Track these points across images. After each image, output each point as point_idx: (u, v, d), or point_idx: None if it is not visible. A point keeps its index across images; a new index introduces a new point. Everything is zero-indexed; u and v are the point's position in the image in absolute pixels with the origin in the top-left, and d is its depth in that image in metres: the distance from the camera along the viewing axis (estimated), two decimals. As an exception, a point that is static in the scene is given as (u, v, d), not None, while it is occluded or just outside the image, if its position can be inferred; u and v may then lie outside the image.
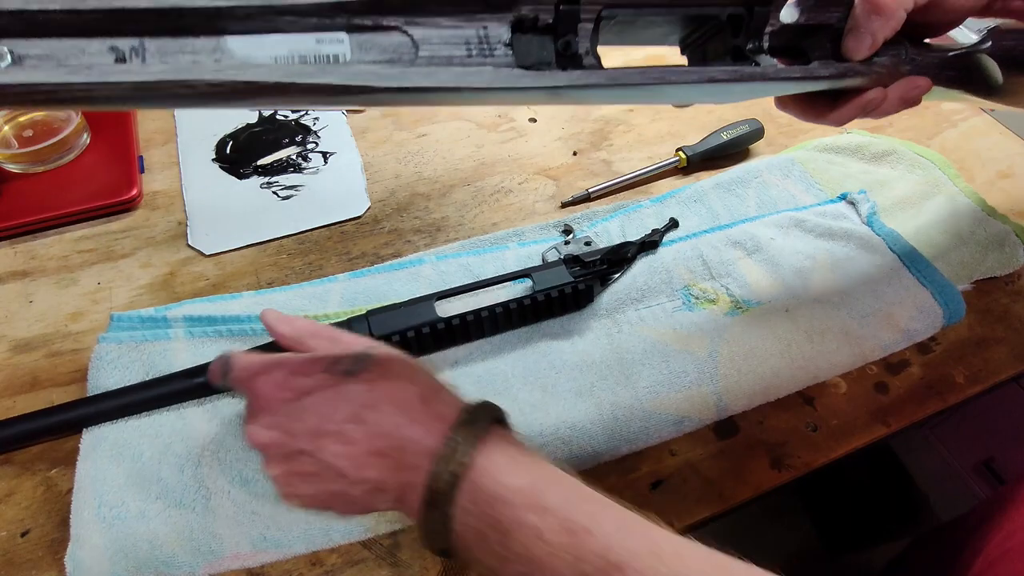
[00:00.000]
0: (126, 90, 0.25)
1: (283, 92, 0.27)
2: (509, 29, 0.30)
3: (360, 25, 0.28)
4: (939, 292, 0.54)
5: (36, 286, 0.53)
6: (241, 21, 0.26)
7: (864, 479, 1.20)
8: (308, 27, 0.27)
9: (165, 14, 0.25)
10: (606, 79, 0.32)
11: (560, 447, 0.44)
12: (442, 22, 0.29)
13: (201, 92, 0.26)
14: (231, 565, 0.39)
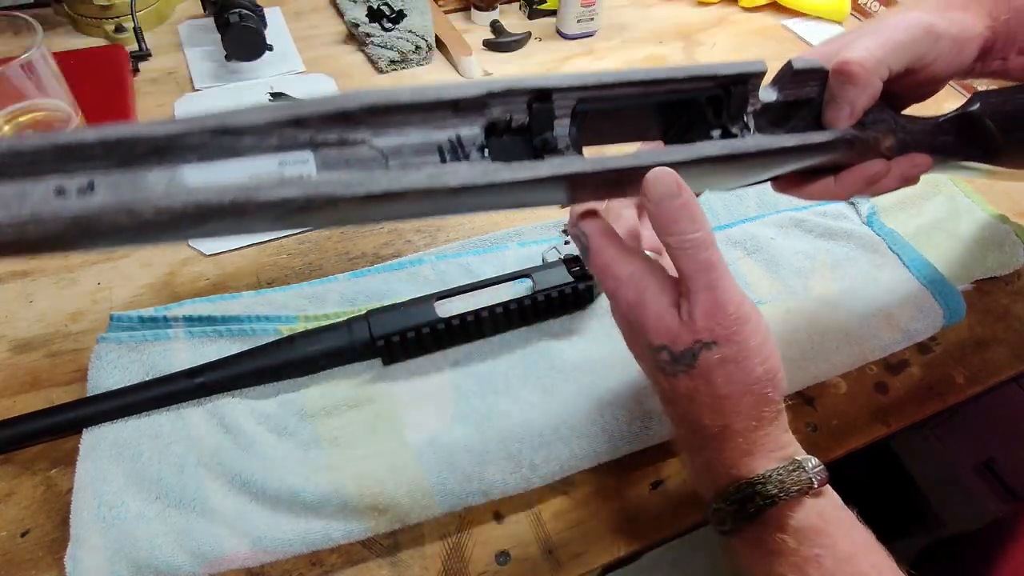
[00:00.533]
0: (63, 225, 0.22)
1: (239, 213, 0.24)
2: (483, 132, 0.29)
3: (325, 141, 0.26)
4: (939, 292, 0.54)
5: (36, 286, 0.53)
6: (196, 149, 0.25)
7: (864, 479, 1.20)
8: (269, 148, 0.26)
9: (114, 147, 0.23)
10: (591, 166, 0.29)
11: (561, 447, 0.44)
12: (411, 132, 0.27)
13: (146, 221, 0.23)
14: (231, 565, 0.39)
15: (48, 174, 0.23)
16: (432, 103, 0.27)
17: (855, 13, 0.94)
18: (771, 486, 0.30)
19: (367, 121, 0.27)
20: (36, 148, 0.22)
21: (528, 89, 0.29)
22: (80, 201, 0.23)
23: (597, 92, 0.30)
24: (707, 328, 0.30)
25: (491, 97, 0.28)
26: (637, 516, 0.44)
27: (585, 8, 0.82)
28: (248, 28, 0.69)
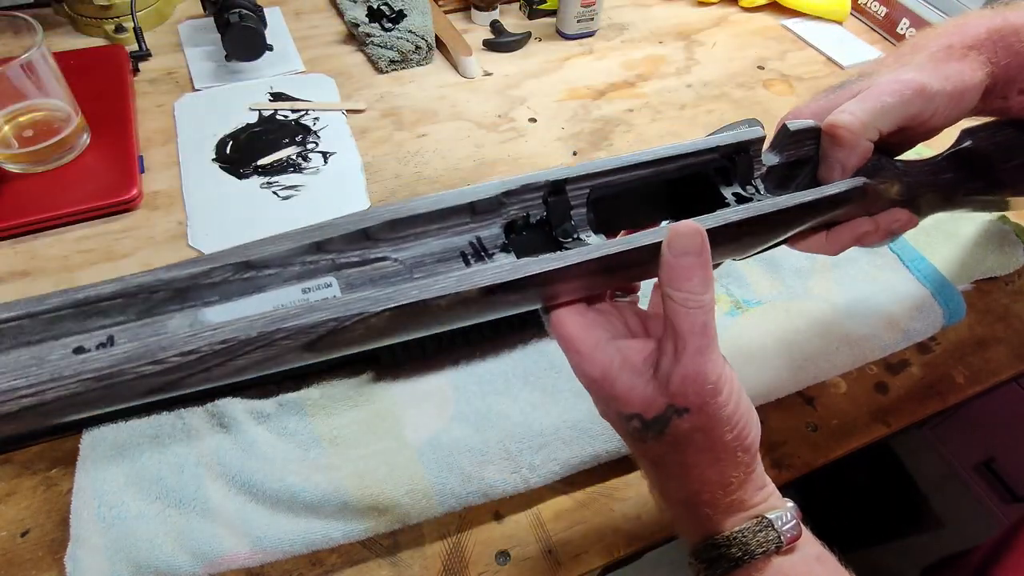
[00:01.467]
0: (84, 384, 0.21)
1: (268, 344, 0.23)
2: (503, 232, 0.29)
3: (347, 263, 0.26)
4: (939, 292, 0.54)
5: (36, 286, 0.53)
6: (217, 288, 0.24)
7: (864, 479, 1.20)
8: (291, 277, 0.26)
9: (133, 296, 0.23)
10: (620, 246, 0.28)
11: (560, 447, 0.44)
12: (431, 241, 0.27)
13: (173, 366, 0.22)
14: (231, 565, 0.39)
15: (67, 335, 0.23)
16: (449, 209, 0.27)
17: (855, 13, 0.94)
18: (735, 548, 0.30)
19: (386, 237, 0.27)
20: (53, 307, 0.22)
21: (542, 184, 0.29)
22: (100, 355, 0.22)
23: (609, 178, 0.31)
24: (682, 394, 0.29)
25: (506, 196, 0.28)
26: (637, 516, 0.44)
27: (585, 8, 0.82)
28: (248, 28, 0.69)
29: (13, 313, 0.22)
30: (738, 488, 0.31)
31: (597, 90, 0.77)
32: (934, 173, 0.42)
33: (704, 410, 0.29)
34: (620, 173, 0.31)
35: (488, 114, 0.72)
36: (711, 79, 0.80)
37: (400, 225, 0.27)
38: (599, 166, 0.30)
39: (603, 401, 0.31)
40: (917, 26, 0.86)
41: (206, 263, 0.24)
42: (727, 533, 0.30)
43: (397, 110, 0.72)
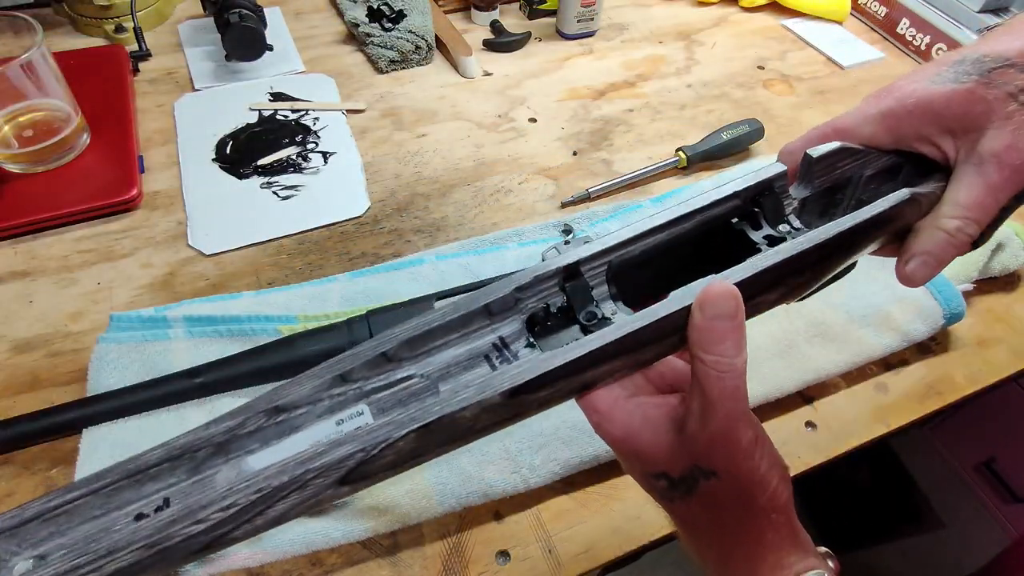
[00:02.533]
0: (138, 553, 0.22)
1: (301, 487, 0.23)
2: (525, 327, 0.28)
3: (373, 388, 0.27)
4: (939, 292, 0.54)
5: (36, 286, 0.53)
6: (255, 435, 0.25)
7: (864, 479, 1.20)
8: (324, 412, 0.26)
9: (179, 458, 0.24)
10: (642, 320, 0.27)
11: (560, 447, 0.44)
12: (453, 351, 0.27)
13: (216, 522, 0.23)
14: (231, 565, 0.39)
15: (128, 504, 0.24)
16: (464, 317, 0.27)
17: (855, 13, 0.94)
18: None
19: (407, 356, 0.27)
20: (111, 481, 0.24)
21: (553, 271, 0.28)
22: (151, 521, 0.23)
23: (624, 250, 0.29)
24: (709, 456, 0.27)
25: (520, 291, 0.28)
26: (637, 516, 0.44)
27: (585, 8, 0.82)
28: (248, 28, 0.69)
29: (76, 493, 0.24)
30: (776, 548, 0.29)
31: (597, 90, 0.77)
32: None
33: (734, 474, 0.28)
34: (635, 243, 0.29)
35: (488, 114, 0.72)
36: (711, 79, 0.80)
37: (417, 342, 0.27)
38: (610, 240, 0.29)
39: (628, 460, 0.30)
40: (917, 26, 0.86)
41: (240, 415, 0.25)
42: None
43: (397, 110, 0.72)
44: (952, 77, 0.32)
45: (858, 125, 0.34)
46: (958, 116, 0.32)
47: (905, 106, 0.33)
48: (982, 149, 0.32)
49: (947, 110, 0.32)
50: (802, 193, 0.33)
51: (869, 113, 0.34)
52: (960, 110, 0.32)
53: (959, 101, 0.32)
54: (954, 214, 0.33)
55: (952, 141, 0.33)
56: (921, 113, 0.32)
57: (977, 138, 0.32)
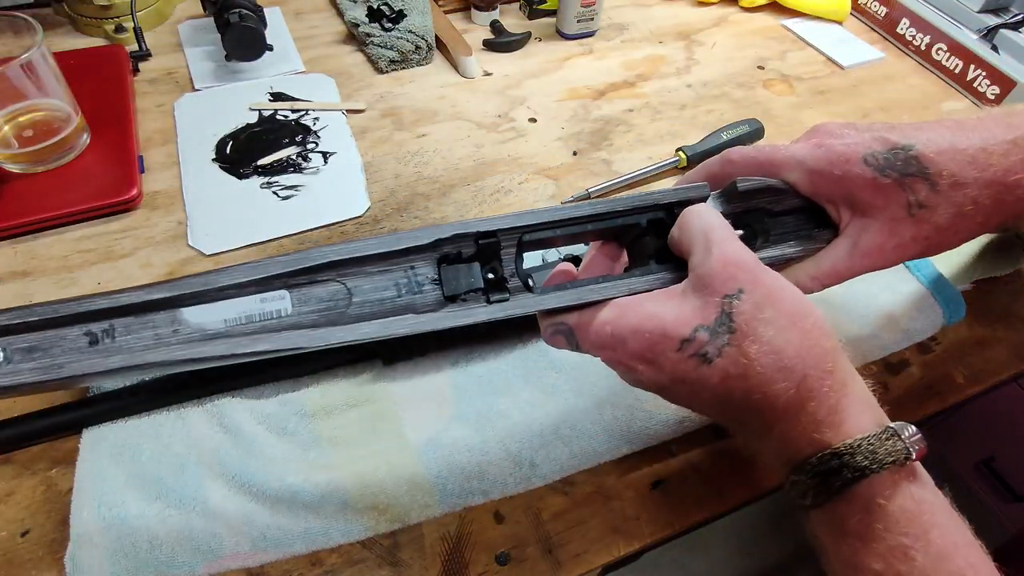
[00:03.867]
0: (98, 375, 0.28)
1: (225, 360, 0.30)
2: (435, 267, 0.32)
3: (297, 284, 0.31)
4: (939, 292, 0.54)
5: (36, 286, 0.53)
6: (192, 297, 0.30)
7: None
8: (252, 291, 0.30)
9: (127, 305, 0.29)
10: (533, 305, 0.32)
11: (560, 447, 0.44)
12: (370, 270, 0.32)
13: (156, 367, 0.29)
14: (231, 565, 0.39)
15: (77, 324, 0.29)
16: (388, 253, 0.31)
17: (855, 13, 0.94)
18: (860, 457, 0.26)
19: (331, 270, 0.31)
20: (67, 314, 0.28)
21: (472, 233, 0.32)
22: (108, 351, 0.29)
23: (538, 232, 0.33)
24: (730, 277, 0.28)
25: (441, 243, 0.32)
26: (637, 516, 0.44)
27: (585, 8, 0.82)
28: (248, 28, 0.69)
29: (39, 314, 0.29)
30: (848, 375, 0.29)
31: (597, 90, 0.77)
32: None
33: (760, 282, 0.28)
34: (550, 228, 0.33)
35: (488, 114, 0.72)
36: (711, 79, 0.80)
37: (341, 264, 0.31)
38: (530, 218, 0.33)
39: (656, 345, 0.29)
40: (917, 26, 0.86)
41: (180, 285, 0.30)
42: (850, 440, 0.27)
43: (397, 110, 0.72)
44: (881, 165, 0.35)
45: (788, 167, 0.37)
46: (863, 200, 0.36)
47: (833, 172, 0.36)
48: (861, 237, 0.36)
49: (859, 192, 0.36)
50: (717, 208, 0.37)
51: (803, 162, 0.37)
52: (867, 197, 0.36)
53: (871, 189, 0.35)
54: (811, 273, 0.37)
55: (850, 214, 0.37)
56: (841, 184, 0.36)
57: (864, 225, 0.36)
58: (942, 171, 0.34)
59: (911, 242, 0.36)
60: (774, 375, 0.28)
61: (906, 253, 0.36)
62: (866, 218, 0.36)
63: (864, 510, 0.27)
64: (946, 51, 0.83)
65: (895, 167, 0.35)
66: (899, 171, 0.35)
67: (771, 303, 0.28)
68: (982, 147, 0.35)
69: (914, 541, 0.26)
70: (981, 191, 0.35)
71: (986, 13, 0.83)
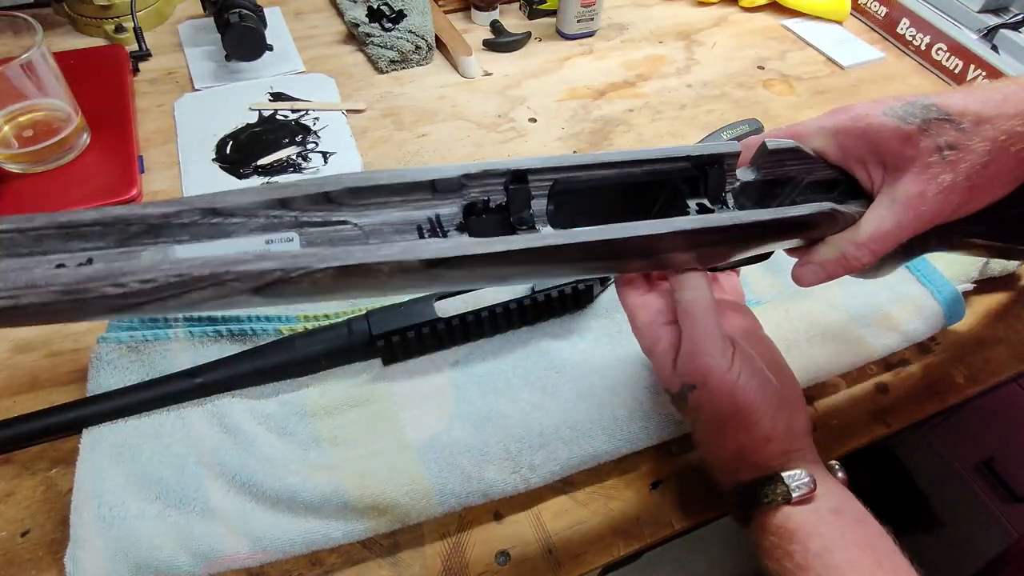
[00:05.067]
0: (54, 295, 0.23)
1: (218, 283, 0.25)
2: (462, 212, 0.30)
3: (309, 222, 0.28)
4: (939, 292, 0.54)
5: (36, 286, 0.53)
6: (188, 229, 0.26)
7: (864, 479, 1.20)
8: (256, 228, 0.27)
9: (111, 225, 0.25)
10: (562, 239, 0.29)
11: (560, 447, 0.44)
12: (391, 212, 0.29)
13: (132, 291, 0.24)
14: (231, 565, 0.39)
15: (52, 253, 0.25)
16: (410, 184, 0.28)
17: (855, 13, 0.94)
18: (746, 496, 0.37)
19: (349, 203, 0.28)
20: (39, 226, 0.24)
21: (504, 171, 0.30)
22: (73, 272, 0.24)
23: (572, 173, 0.31)
24: (686, 373, 0.36)
25: (467, 179, 0.29)
26: (637, 516, 0.44)
27: (585, 8, 0.82)
28: (248, 28, 0.69)
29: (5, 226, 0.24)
30: (755, 450, 0.36)
31: (597, 90, 0.77)
32: None
33: (707, 385, 0.36)
34: (585, 170, 0.31)
35: (488, 114, 0.72)
36: (711, 79, 0.80)
37: (361, 193, 0.28)
38: (565, 161, 0.31)
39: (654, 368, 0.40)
40: (917, 26, 0.86)
41: (176, 205, 0.26)
42: (741, 481, 0.37)
43: (397, 110, 0.72)
44: (901, 115, 0.34)
45: (812, 134, 0.37)
46: (892, 152, 0.35)
47: (857, 127, 0.35)
48: (897, 190, 0.35)
49: (885, 144, 0.35)
50: (747, 176, 0.35)
51: (824, 126, 0.37)
52: (895, 148, 0.35)
53: (897, 139, 0.34)
54: (855, 240, 0.36)
55: (882, 173, 0.36)
56: (867, 138, 0.35)
57: (899, 178, 0.35)
58: (963, 111, 0.34)
59: (952, 186, 0.34)
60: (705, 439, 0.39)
61: (951, 199, 0.35)
62: (899, 171, 0.35)
63: (760, 527, 0.36)
64: (946, 51, 0.83)
65: (915, 114, 0.34)
66: (920, 116, 0.34)
67: (713, 403, 0.36)
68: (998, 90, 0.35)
69: (795, 546, 0.34)
70: (1010, 121, 0.34)
71: (986, 13, 0.83)
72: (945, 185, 0.34)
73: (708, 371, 0.35)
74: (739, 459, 0.37)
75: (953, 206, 0.35)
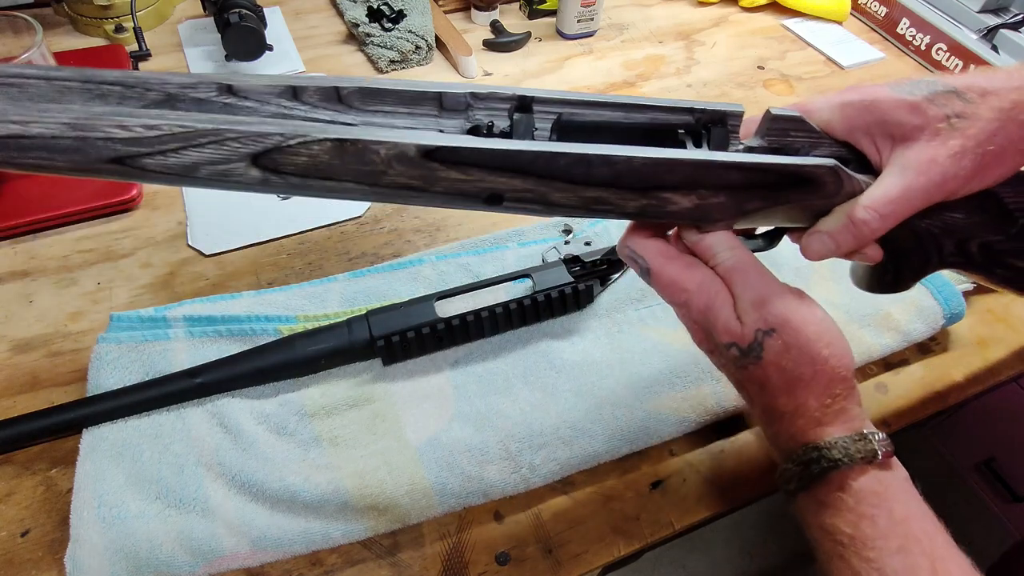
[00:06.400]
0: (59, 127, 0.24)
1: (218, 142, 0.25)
2: (464, 132, 0.30)
3: (318, 119, 0.28)
4: (939, 292, 0.54)
5: (36, 286, 0.53)
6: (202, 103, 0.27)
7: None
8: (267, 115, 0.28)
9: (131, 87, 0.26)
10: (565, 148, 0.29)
11: (560, 447, 0.44)
12: (397, 122, 0.29)
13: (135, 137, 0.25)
14: (231, 565, 0.39)
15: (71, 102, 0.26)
16: (417, 94, 0.29)
17: (855, 13, 0.94)
18: (836, 451, 0.33)
19: (357, 105, 0.28)
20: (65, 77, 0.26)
21: (510, 95, 0.30)
22: (84, 108, 0.25)
23: (578, 108, 0.31)
24: (760, 319, 0.33)
25: (474, 98, 0.29)
26: (637, 516, 0.44)
27: (585, 8, 0.82)
28: (248, 28, 0.69)
29: (32, 72, 0.25)
30: (844, 399, 0.34)
31: (597, 90, 0.77)
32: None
33: (789, 326, 0.33)
34: (591, 107, 0.31)
35: (488, 114, 0.72)
36: (711, 79, 0.80)
37: (369, 96, 0.28)
38: (571, 95, 0.31)
39: (705, 332, 0.36)
40: (917, 26, 0.86)
41: (195, 77, 0.27)
42: (829, 439, 0.33)
43: (397, 110, 0.72)
44: (908, 89, 0.35)
45: (819, 109, 0.37)
46: (900, 123, 0.35)
47: (863, 101, 0.35)
48: (908, 156, 0.35)
49: (892, 114, 0.35)
50: (751, 141, 0.35)
51: (831, 100, 0.36)
52: (903, 118, 0.34)
53: (904, 109, 0.34)
54: (864, 204, 0.35)
55: (890, 145, 0.35)
56: (874, 111, 0.35)
57: (908, 146, 0.35)
58: (968, 85, 0.34)
59: (963, 151, 0.34)
60: (782, 395, 0.34)
61: (963, 163, 0.34)
62: (908, 141, 0.35)
63: (838, 488, 0.33)
64: (946, 51, 0.83)
65: (921, 89, 0.35)
66: (928, 90, 0.35)
67: (800, 347, 0.33)
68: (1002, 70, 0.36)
69: (877, 510, 0.32)
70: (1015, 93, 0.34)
71: (986, 13, 0.83)
72: (956, 150, 0.34)
73: (787, 310, 0.33)
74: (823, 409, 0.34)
75: (965, 173, 0.34)
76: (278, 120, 0.26)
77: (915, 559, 0.31)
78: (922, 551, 0.31)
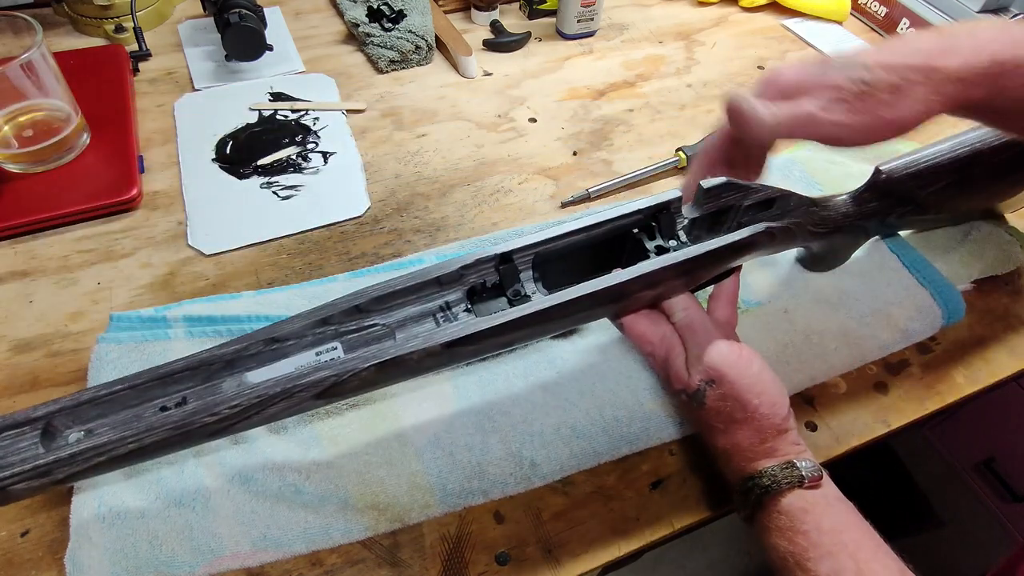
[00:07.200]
0: (167, 432, 0.31)
1: (288, 396, 0.32)
2: (465, 296, 0.37)
3: (347, 331, 0.35)
4: (939, 292, 0.54)
5: (36, 286, 0.53)
6: (254, 357, 0.34)
7: (864, 479, 1.20)
8: (307, 345, 0.34)
9: (196, 368, 0.32)
10: (550, 302, 0.35)
11: (561, 447, 0.44)
12: (410, 308, 0.36)
13: (225, 416, 0.31)
14: (231, 565, 0.39)
15: (155, 399, 0.33)
16: (419, 284, 0.35)
17: (855, 13, 0.94)
18: (766, 478, 0.38)
19: (375, 309, 0.35)
20: (144, 380, 0.32)
21: (492, 256, 0.36)
22: (177, 411, 0.32)
23: (548, 245, 0.37)
24: (703, 371, 0.39)
25: (464, 269, 0.36)
26: (637, 516, 0.44)
27: (585, 8, 0.82)
28: (248, 28, 0.69)
29: (119, 387, 0.32)
30: (772, 440, 0.39)
31: (597, 90, 0.77)
32: (857, 203, 0.48)
33: (726, 379, 0.39)
34: (557, 241, 0.38)
35: (488, 114, 0.72)
36: (711, 79, 0.80)
37: (383, 300, 0.35)
38: (538, 237, 0.37)
39: (667, 379, 0.43)
40: (917, 26, 0.86)
41: (244, 341, 0.33)
42: (760, 469, 0.39)
43: (397, 110, 0.72)
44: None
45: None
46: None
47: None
48: None
49: None
50: (692, 213, 0.40)
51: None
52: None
53: None
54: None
55: None
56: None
57: None
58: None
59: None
60: (720, 435, 0.41)
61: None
62: None
63: (775, 511, 0.38)
64: (946, 51, 0.83)
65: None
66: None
67: (735, 397, 0.39)
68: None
69: (807, 525, 0.36)
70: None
71: (986, 13, 0.83)
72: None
73: (725, 365, 0.39)
74: (754, 449, 0.39)
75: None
76: (326, 363, 0.33)
77: (842, 562, 0.35)
78: (849, 555, 0.35)
